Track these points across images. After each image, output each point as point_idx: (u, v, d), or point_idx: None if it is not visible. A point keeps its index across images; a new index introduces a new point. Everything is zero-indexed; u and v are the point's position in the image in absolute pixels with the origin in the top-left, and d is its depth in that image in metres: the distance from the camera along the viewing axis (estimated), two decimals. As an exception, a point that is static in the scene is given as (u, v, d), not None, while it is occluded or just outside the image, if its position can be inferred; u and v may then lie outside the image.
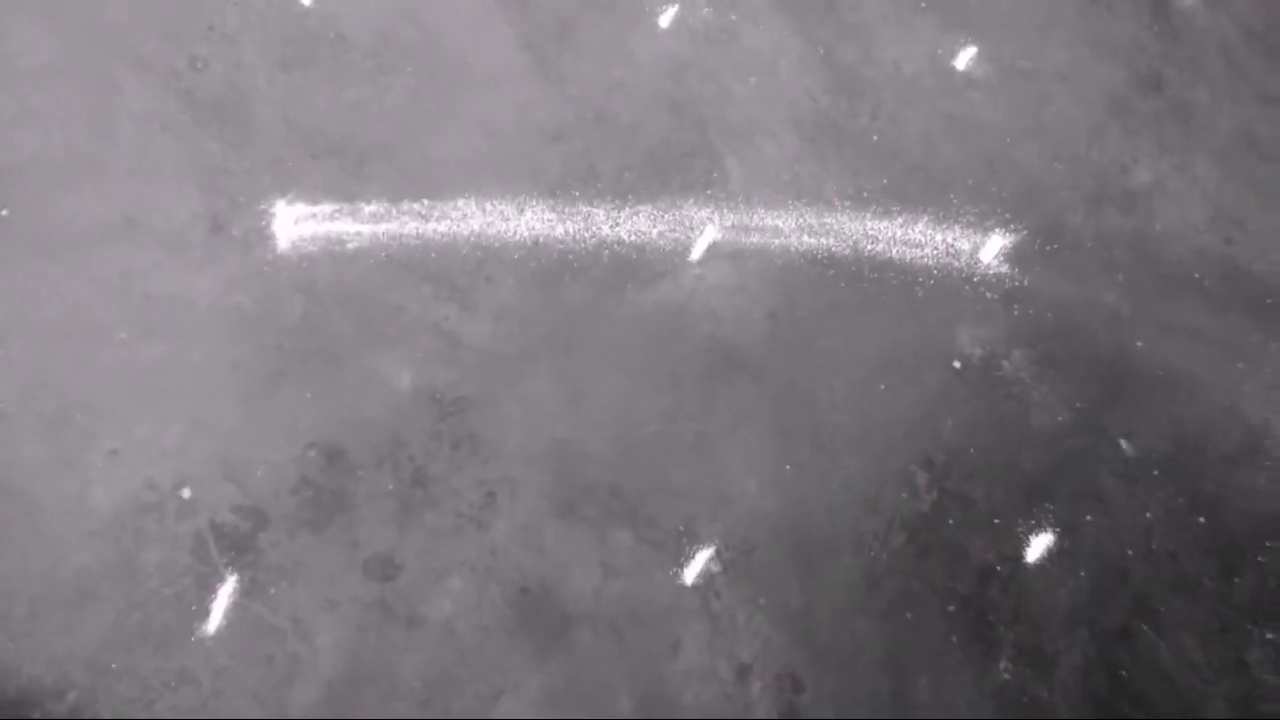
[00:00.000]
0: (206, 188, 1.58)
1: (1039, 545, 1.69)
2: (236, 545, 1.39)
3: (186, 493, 1.40)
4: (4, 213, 1.48)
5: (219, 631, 1.33)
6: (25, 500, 1.35)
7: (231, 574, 1.36)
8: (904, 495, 1.65)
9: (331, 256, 1.57)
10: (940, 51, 2.06)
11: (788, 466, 1.59)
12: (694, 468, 1.54)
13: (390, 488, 1.44)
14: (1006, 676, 1.58)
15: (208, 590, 1.36)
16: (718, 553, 1.47)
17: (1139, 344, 1.83)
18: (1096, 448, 1.78)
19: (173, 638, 1.34)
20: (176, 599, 1.34)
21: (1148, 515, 1.75)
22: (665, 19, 1.91)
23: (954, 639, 1.57)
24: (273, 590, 1.37)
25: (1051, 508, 1.72)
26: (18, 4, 1.63)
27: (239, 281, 1.52)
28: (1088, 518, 1.72)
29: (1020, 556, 1.67)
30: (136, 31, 1.65)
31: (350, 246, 1.58)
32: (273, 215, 1.59)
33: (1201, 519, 1.77)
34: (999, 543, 1.67)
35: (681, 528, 1.48)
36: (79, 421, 1.38)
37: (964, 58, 2.06)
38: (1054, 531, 1.70)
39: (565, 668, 1.37)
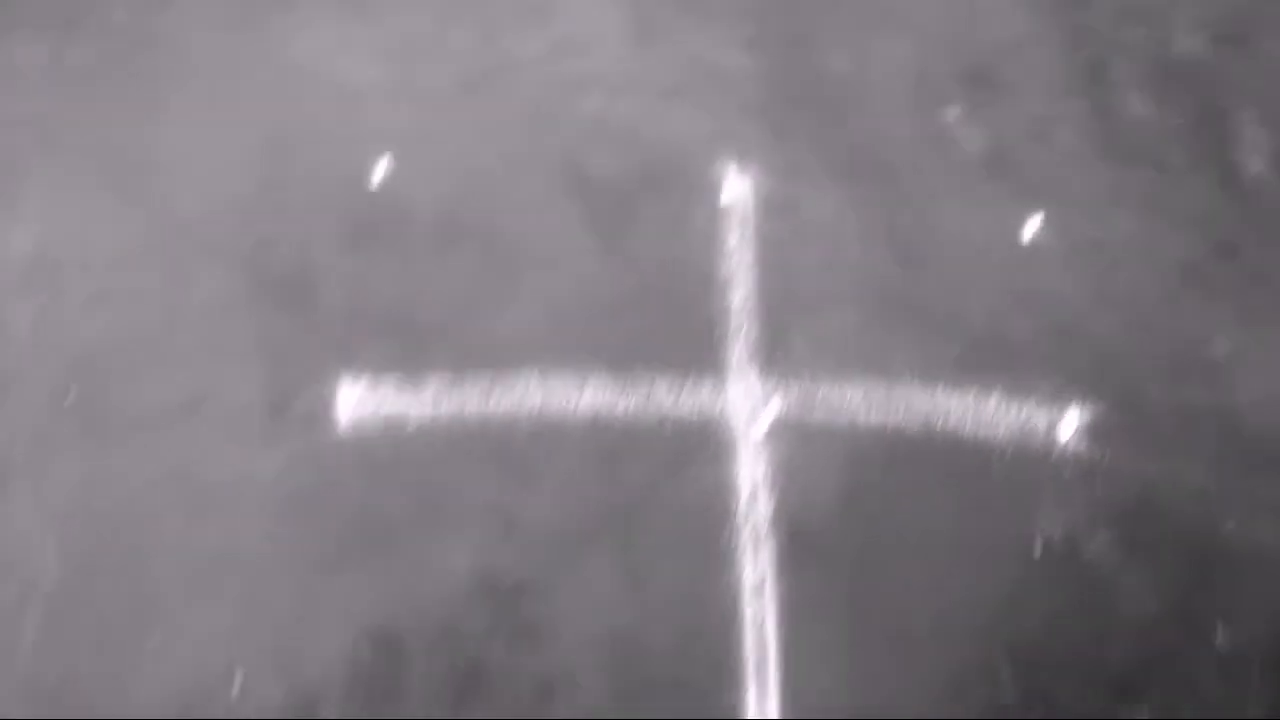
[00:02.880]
0: (270, 367, 1.59)
1: (1135, 751, 1.57)
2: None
3: (235, 688, 1.36)
4: (70, 398, 1.51)
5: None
6: (76, 692, 1.32)
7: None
8: (987, 689, 1.54)
9: (392, 436, 1.56)
10: (1007, 221, 2.04)
11: (862, 660, 1.50)
12: (759, 658, 1.46)
13: (444, 679, 1.38)
14: None
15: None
16: (787, 757, 1.37)
17: (1229, 524, 1.73)
18: (1191, 640, 1.66)
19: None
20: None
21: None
22: (725, 194, 1.94)
23: None
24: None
25: (1145, 708, 1.60)
26: (100, 194, 1.71)
27: (299, 462, 1.51)
28: (1186, 720, 1.60)
29: (1115, 762, 1.55)
30: (208, 215, 1.71)
31: (411, 426, 1.57)
32: (335, 394, 1.59)
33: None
34: (1091, 746, 1.55)
35: (748, 727, 1.39)
36: (131, 608, 1.36)
37: (1031, 227, 2.05)
38: (1150, 735, 1.58)
39: None
